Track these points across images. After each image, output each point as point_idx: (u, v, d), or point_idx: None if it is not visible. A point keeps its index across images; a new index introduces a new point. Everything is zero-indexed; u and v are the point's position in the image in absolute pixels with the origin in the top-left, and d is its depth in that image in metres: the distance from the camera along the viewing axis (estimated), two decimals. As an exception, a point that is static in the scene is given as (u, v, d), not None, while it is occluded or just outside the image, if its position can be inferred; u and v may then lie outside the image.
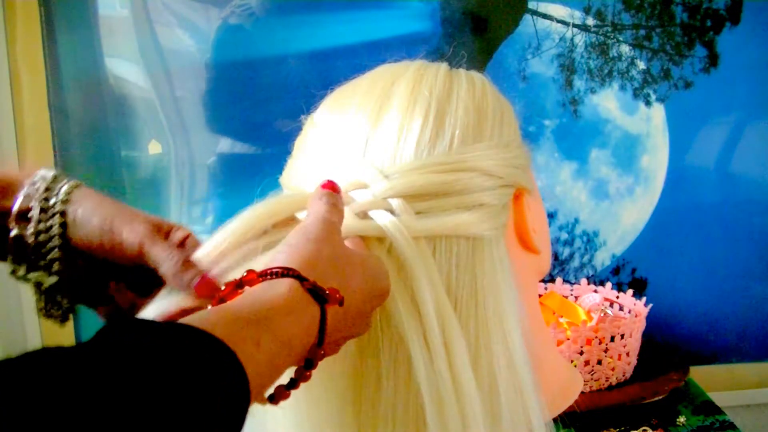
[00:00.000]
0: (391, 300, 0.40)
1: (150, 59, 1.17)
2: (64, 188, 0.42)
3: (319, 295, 0.33)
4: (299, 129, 0.50)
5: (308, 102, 0.50)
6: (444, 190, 0.42)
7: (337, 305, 0.34)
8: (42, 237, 0.41)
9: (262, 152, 1.20)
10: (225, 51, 1.18)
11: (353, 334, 0.37)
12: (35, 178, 0.42)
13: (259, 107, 1.19)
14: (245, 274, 0.34)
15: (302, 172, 0.46)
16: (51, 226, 0.41)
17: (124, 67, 1.17)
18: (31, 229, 0.40)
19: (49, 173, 0.42)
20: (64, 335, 1.19)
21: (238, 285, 0.34)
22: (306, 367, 0.34)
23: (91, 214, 0.41)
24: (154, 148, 1.20)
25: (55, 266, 0.41)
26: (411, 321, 0.39)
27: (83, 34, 1.16)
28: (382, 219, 0.41)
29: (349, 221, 0.42)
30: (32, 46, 1.14)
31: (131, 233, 0.40)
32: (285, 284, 0.33)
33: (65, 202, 0.41)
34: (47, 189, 0.41)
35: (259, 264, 0.35)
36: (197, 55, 1.18)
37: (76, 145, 1.18)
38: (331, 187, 0.40)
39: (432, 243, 0.41)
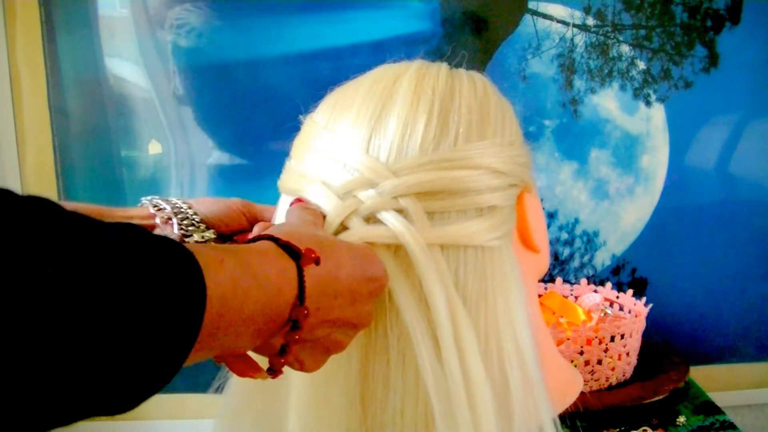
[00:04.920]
0: (399, 299, 0.40)
1: (150, 59, 1.17)
2: (174, 198, 0.55)
3: (293, 250, 0.34)
4: (297, 129, 0.50)
5: (307, 102, 0.50)
6: (454, 188, 0.42)
7: (313, 264, 0.34)
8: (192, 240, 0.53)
9: (262, 152, 1.20)
10: (222, 52, 1.18)
11: (352, 320, 0.37)
12: (145, 201, 0.55)
13: (258, 108, 1.19)
14: None
15: (302, 172, 0.46)
16: (198, 225, 0.54)
17: (124, 67, 1.18)
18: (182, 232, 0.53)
19: (155, 198, 0.55)
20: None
21: None
22: (292, 329, 0.34)
23: (206, 202, 0.55)
24: (154, 148, 1.20)
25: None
26: (417, 321, 0.39)
27: (83, 34, 1.16)
28: (394, 224, 0.41)
29: (359, 228, 0.42)
30: (32, 46, 1.14)
31: (233, 199, 0.57)
32: (259, 242, 0.35)
33: (190, 207, 0.54)
34: (168, 203, 0.54)
35: None
36: (194, 55, 1.18)
37: (76, 145, 1.18)
38: (299, 201, 0.44)
39: (445, 249, 0.42)
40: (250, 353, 0.36)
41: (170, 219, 0.52)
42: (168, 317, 0.26)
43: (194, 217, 0.53)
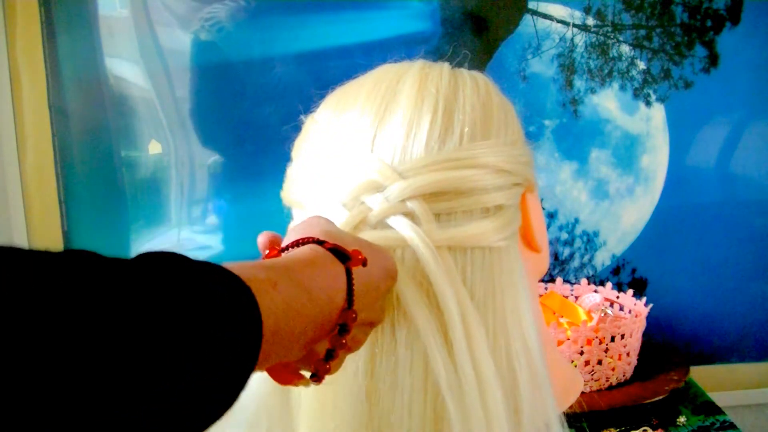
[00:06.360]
0: (408, 301, 0.40)
1: (150, 59, 1.17)
2: None
3: (341, 253, 0.34)
4: (298, 129, 0.50)
5: (308, 103, 0.50)
6: (460, 187, 0.42)
7: (360, 266, 0.34)
8: None
9: (262, 152, 1.20)
10: (222, 52, 1.18)
11: (372, 317, 0.37)
12: None
13: (259, 108, 1.19)
14: (267, 252, 0.35)
15: (305, 177, 0.46)
16: None
17: (124, 67, 1.17)
18: None
19: None
20: (50, 233, 1.19)
21: None
22: (341, 333, 0.33)
23: None
24: (154, 148, 1.20)
25: None
26: (429, 323, 0.39)
27: (83, 34, 1.16)
28: (404, 229, 0.41)
29: (367, 234, 0.41)
30: (32, 46, 1.14)
31: None
32: (306, 247, 0.34)
33: None
34: None
35: None
36: (198, 55, 1.17)
37: (76, 145, 1.18)
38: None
39: (452, 249, 0.42)
40: None
41: None
42: (225, 351, 0.26)
43: None
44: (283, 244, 0.36)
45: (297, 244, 0.35)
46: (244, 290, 0.28)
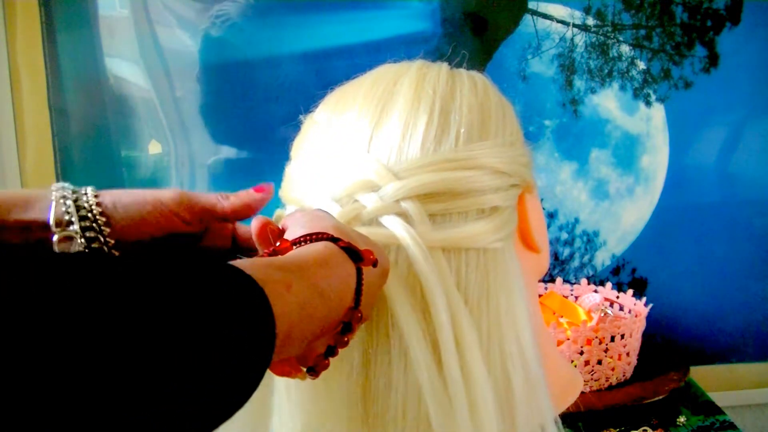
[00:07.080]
0: (395, 302, 0.40)
1: (150, 59, 1.17)
2: (89, 188, 0.44)
3: (354, 253, 0.34)
4: (298, 128, 0.50)
5: (307, 102, 0.50)
6: (456, 189, 0.42)
7: (371, 266, 0.34)
8: (90, 233, 0.42)
9: (262, 152, 1.20)
10: (222, 52, 1.18)
11: (366, 315, 0.37)
12: (53, 188, 0.44)
13: (258, 108, 1.19)
14: (278, 244, 0.34)
15: (303, 176, 0.46)
16: (95, 219, 0.42)
17: (124, 67, 1.18)
18: (75, 227, 0.42)
19: (64, 183, 0.44)
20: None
21: (271, 254, 0.34)
22: (343, 332, 0.33)
23: (124, 196, 0.44)
24: (154, 148, 1.20)
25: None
26: (414, 324, 0.39)
27: (83, 34, 1.16)
28: (397, 229, 0.41)
29: (361, 230, 0.41)
30: (32, 46, 1.14)
31: (168, 191, 0.44)
32: (320, 243, 0.34)
33: (96, 196, 0.44)
34: (74, 191, 0.44)
35: None
36: (197, 55, 1.18)
37: (76, 145, 1.18)
38: None
39: (446, 251, 0.42)
40: None
41: (71, 224, 0.42)
42: (237, 354, 0.26)
43: (98, 219, 0.42)
44: (291, 235, 0.36)
45: (310, 238, 0.34)
46: (257, 293, 0.27)
